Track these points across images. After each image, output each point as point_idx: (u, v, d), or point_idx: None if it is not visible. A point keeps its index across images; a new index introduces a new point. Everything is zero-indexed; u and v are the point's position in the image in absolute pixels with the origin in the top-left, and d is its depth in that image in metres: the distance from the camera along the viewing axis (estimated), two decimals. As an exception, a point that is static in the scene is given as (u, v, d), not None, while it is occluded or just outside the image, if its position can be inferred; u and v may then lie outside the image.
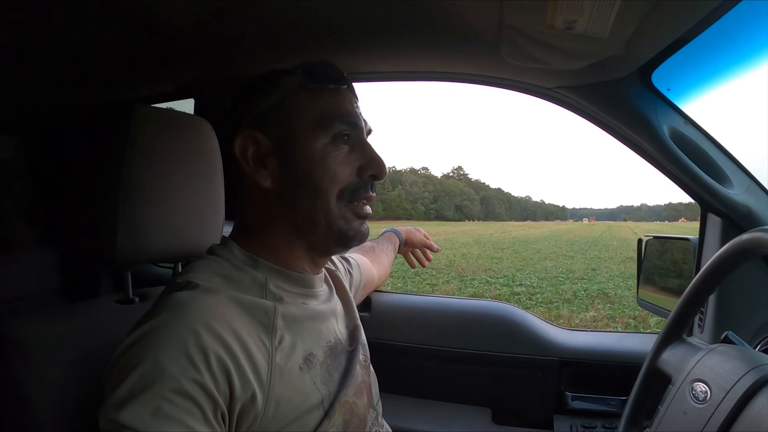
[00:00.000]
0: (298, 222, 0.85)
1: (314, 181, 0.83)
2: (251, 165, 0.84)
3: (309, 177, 0.83)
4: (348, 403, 0.85)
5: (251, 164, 0.84)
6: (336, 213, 0.84)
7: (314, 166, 0.83)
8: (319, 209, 0.84)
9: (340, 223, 0.85)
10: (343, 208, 0.85)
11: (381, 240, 1.65)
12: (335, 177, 0.83)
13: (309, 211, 0.84)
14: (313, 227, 0.85)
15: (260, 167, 0.84)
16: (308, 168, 0.83)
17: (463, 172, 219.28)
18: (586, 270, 14.78)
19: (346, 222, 0.85)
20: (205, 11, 1.03)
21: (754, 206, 1.27)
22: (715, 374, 0.81)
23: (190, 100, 1.57)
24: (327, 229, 0.85)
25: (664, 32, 0.97)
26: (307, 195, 0.83)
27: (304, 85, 0.85)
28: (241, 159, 0.84)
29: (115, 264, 0.93)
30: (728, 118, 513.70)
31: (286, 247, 0.86)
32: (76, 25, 1.04)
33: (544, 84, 1.30)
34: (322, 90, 0.86)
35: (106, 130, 0.95)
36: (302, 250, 0.88)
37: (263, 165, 0.84)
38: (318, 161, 0.83)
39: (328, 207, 0.84)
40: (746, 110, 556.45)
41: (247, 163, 0.84)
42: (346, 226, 0.86)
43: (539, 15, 0.88)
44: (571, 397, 1.53)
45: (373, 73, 1.40)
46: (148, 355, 0.64)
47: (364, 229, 0.89)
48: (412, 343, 1.66)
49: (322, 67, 0.86)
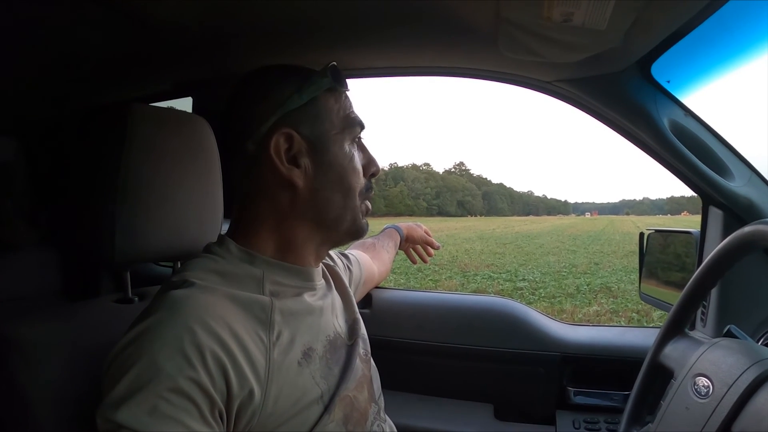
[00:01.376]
0: (327, 219, 0.88)
1: (347, 181, 0.87)
2: (285, 165, 0.83)
3: (342, 178, 0.87)
4: (348, 397, 0.85)
5: (285, 164, 0.83)
6: (358, 210, 0.90)
7: (346, 167, 0.87)
8: (348, 208, 0.88)
9: (358, 219, 0.91)
10: (361, 206, 0.91)
11: (382, 236, 1.65)
12: (359, 177, 0.89)
13: (340, 209, 0.88)
14: (339, 224, 0.89)
15: (294, 166, 0.83)
16: (341, 169, 0.87)
17: (464, 167, 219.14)
18: (589, 264, 14.78)
19: (362, 218, 0.92)
20: (202, 10, 1.02)
21: (755, 198, 1.27)
22: (717, 369, 0.81)
23: (189, 98, 1.57)
24: (350, 226, 0.90)
25: (663, 24, 0.96)
26: (341, 194, 0.87)
27: (333, 87, 0.87)
28: (275, 157, 0.82)
29: (114, 264, 0.92)
30: (729, 109, 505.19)
31: (303, 242, 0.87)
32: (74, 25, 1.04)
33: (543, 77, 1.29)
34: (341, 93, 0.89)
35: (103, 128, 0.94)
36: (316, 245, 0.90)
37: (296, 164, 0.84)
38: (348, 163, 0.87)
39: (355, 205, 0.89)
40: (747, 101, 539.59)
41: (282, 163, 0.82)
42: (362, 222, 0.92)
43: (536, 7, 0.88)
44: (574, 392, 1.52)
45: (370, 68, 1.40)
46: (144, 354, 0.64)
47: (366, 224, 0.94)
48: (413, 340, 1.65)
49: (340, 70, 0.88)
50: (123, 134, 0.90)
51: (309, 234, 0.88)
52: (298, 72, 0.87)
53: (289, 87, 0.84)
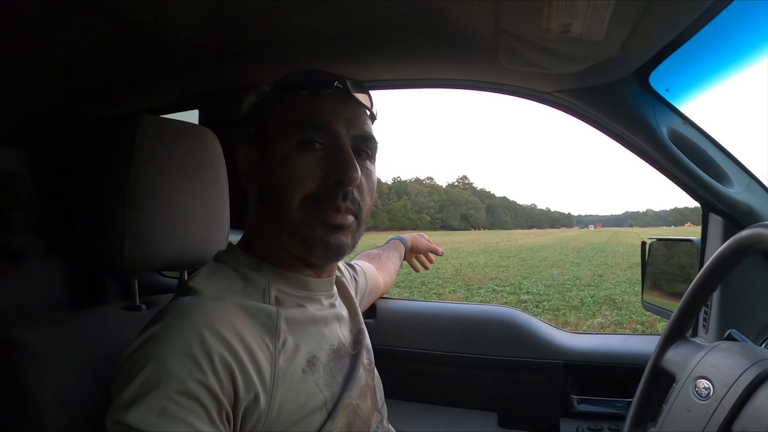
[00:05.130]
0: (273, 227, 0.84)
1: (279, 187, 0.82)
2: (244, 176, 0.89)
3: (276, 183, 0.82)
4: (351, 405, 0.86)
5: (244, 176, 0.89)
6: (298, 219, 0.82)
7: (280, 172, 0.82)
8: (282, 215, 0.82)
9: (303, 229, 0.82)
10: (309, 215, 0.82)
11: (386, 247, 1.66)
12: (296, 183, 0.81)
13: (276, 215, 0.83)
14: (281, 232, 0.83)
15: (250, 176, 0.88)
16: (276, 174, 0.83)
17: (468, 181, 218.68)
18: (593, 276, 14.70)
19: (310, 229, 0.82)
20: (209, 23, 1.04)
21: (755, 205, 1.28)
22: (717, 370, 0.82)
23: (195, 110, 1.59)
24: (291, 236, 0.83)
25: (660, 33, 0.98)
26: (274, 200, 0.83)
27: (280, 96, 0.86)
28: (241, 171, 0.89)
29: (123, 272, 0.94)
30: (727, 116, 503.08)
31: (284, 250, 0.86)
32: (83, 38, 1.06)
33: (543, 88, 1.31)
34: (295, 98, 0.85)
35: (112, 140, 0.96)
36: (293, 254, 0.86)
37: (251, 174, 0.88)
38: (283, 167, 0.82)
39: (290, 214, 0.81)
40: (745, 108, 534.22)
41: (244, 175, 0.89)
42: (310, 233, 0.82)
43: (535, 20, 0.89)
44: (577, 400, 1.53)
45: (374, 81, 1.42)
46: (154, 358, 0.66)
47: (332, 240, 0.83)
48: (417, 349, 1.66)
49: (301, 75, 0.86)
50: (132, 145, 0.92)
51: (281, 243, 0.85)
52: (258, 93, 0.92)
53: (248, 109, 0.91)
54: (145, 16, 0.98)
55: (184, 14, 0.99)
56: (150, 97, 1.52)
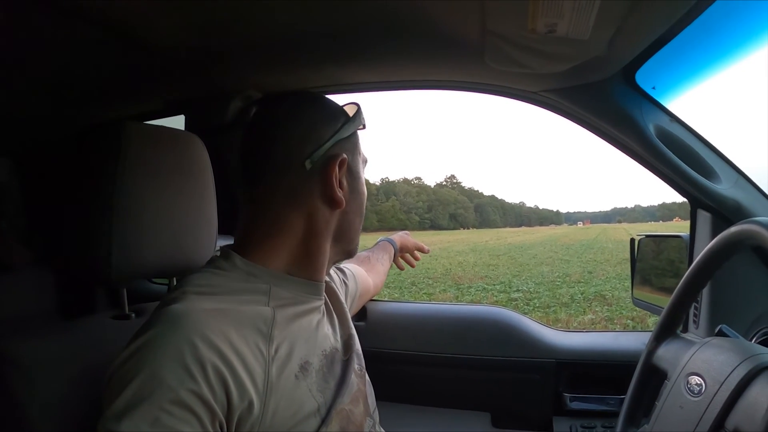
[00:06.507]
0: (344, 239, 0.95)
1: (363, 208, 0.98)
2: (337, 186, 0.88)
3: (362, 205, 0.97)
4: (344, 410, 0.86)
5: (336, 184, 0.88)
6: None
7: (365, 196, 0.98)
8: (359, 231, 0.99)
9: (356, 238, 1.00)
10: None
11: (376, 249, 1.67)
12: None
13: (355, 232, 0.97)
14: (351, 244, 0.98)
15: (339, 187, 0.89)
16: (363, 197, 0.97)
17: (456, 180, 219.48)
18: (583, 273, 14.81)
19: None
20: (193, 29, 1.03)
21: (743, 200, 1.28)
22: (709, 367, 0.82)
23: (181, 116, 1.58)
24: (355, 247, 1.00)
25: (645, 31, 0.98)
26: (359, 219, 0.97)
27: (364, 125, 0.98)
28: (333, 178, 0.87)
29: (111, 281, 0.93)
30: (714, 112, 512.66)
31: (324, 258, 0.92)
32: (67, 46, 1.04)
33: (529, 88, 1.31)
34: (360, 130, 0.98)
35: (96, 147, 0.95)
36: (330, 261, 0.95)
37: (341, 187, 0.89)
38: (365, 192, 0.98)
39: (358, 225, 0.98)
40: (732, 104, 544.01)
41: (337, 184, 0.88)
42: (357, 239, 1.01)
43: (521, 20, 0.89)
44: (570, 398, 1.53)
45: (360, 84, 1.40)
46: (146, 367, 0.65)
47: None
48: (408, 351, 1.66)
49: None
50: (117, 152, 0.91)
51: (327, 250, 0.92)
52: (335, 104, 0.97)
53: (341, 117, 0.92)
54: (129, 22, 0.97)
55: (166, 19, 0.98)
56: (135, 104, 1.50)
